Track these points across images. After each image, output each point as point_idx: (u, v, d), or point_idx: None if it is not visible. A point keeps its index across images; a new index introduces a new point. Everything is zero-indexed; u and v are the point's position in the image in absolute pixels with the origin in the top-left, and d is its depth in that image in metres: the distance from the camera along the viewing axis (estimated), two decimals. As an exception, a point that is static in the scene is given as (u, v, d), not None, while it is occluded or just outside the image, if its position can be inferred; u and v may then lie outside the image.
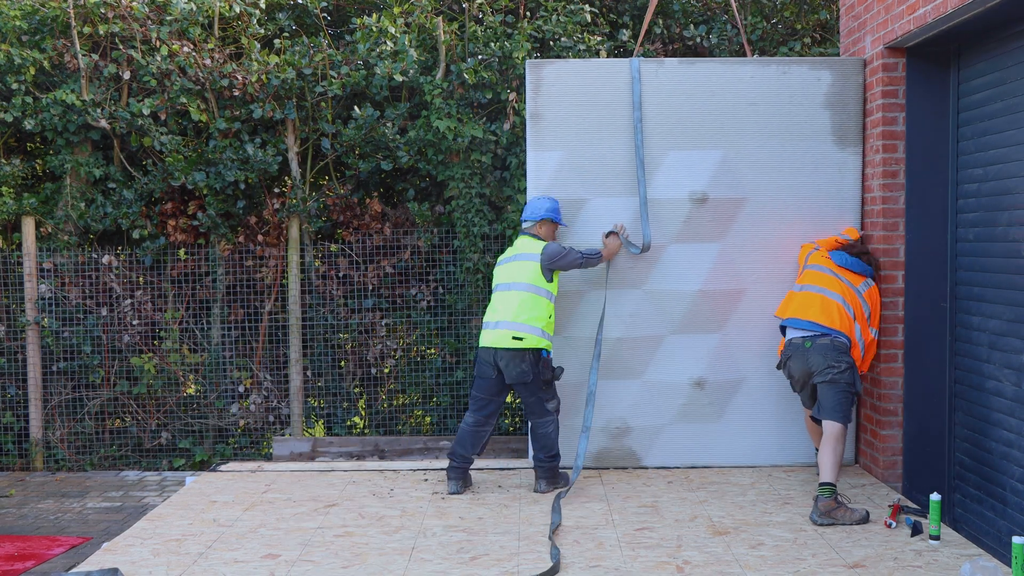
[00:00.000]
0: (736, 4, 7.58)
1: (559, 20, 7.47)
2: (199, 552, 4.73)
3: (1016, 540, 3.98)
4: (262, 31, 7.84)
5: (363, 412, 7.76)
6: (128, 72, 7.49)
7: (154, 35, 7.43)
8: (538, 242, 5.84)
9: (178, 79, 7.41)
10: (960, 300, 5.60)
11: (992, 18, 4.87)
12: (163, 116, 7.47)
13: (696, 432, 6.28)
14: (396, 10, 7.66)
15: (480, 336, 5.87)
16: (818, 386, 5.38)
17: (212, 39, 7.71)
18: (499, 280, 5.89)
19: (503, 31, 7.47)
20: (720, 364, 6.25)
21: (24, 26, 7.49)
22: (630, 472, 6.21)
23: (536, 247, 5.80)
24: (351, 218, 7.64)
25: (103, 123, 7.41)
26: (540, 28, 7.48)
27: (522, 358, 5.63)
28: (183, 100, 7.42)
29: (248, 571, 4.46)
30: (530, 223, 5.92)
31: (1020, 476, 4.86)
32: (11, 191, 7.59)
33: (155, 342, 7.71)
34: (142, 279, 7.73)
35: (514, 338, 5.63)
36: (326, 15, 8.11)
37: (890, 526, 4.96)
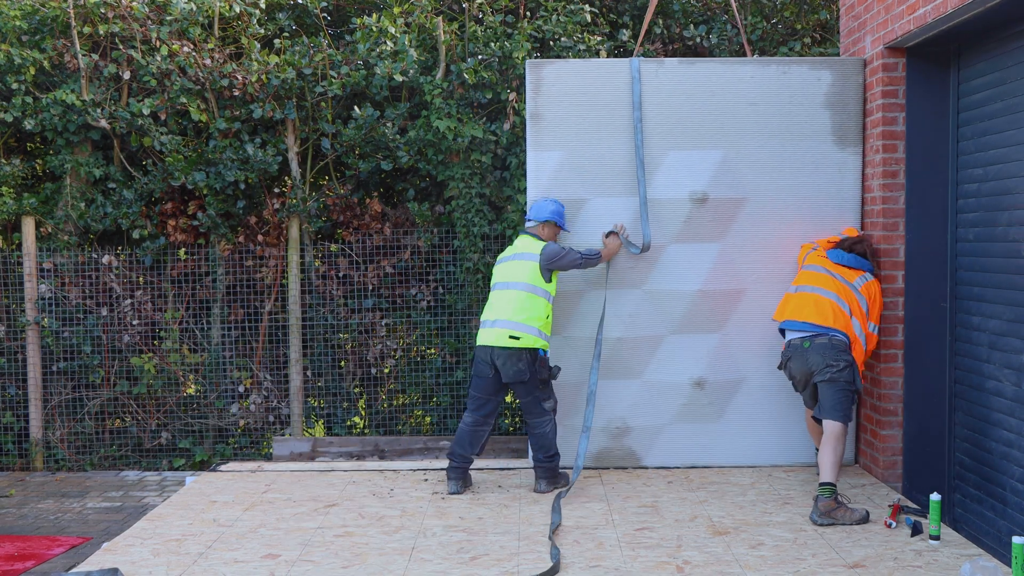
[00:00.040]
0: (736, 4, 7.58)
1: (559, 20, 7.46)
2: (199, 552, 4.73)
3: (1016, 540, 3.97)
4: (262, 31, 7.84)
5: (363, 412, 7.76)
6: (128, 72, 7.48)
7: (154, 35, 7.43)
8: (538, 242, 5.84)
9: (178, 79, 7.41)
10: (960, 300, 5.60)
11: (992, 18, 4.87)
12: (163, 116, 7.47)
13: (696, 432, 6.28)
14: (396, 10, 7.66)
15: (477, 335, 5.88)
16: (818, 385, 5.38)
17: (212, 39, 7.71)
18: (497, 279, 5.89)
19: (503, 31, 7.47)
20: (720, 364, 6.25)
21: (24, 26, 7.49)
22: (630, 472, 6.21)
23: (536, 247, 5.80)
24: (351, 218, 7.64)
25: (103, 123, 7.41)
26: (540, 28, 7.48)
27: (519, 357, 5.63)
28: (183, 100, 7.42)
29: (248, 571, 4.46)
30: (533, 223, 5.92)
31: (1020, 476, 4.86)
32: (11, 191, 7.59)
33: (155, 342, 7.70)
34: (142, 279, 7.73)
35: (511, 337, 5.63)
36: (326, 15, 8.11)
37: (890, 526, 4.96)
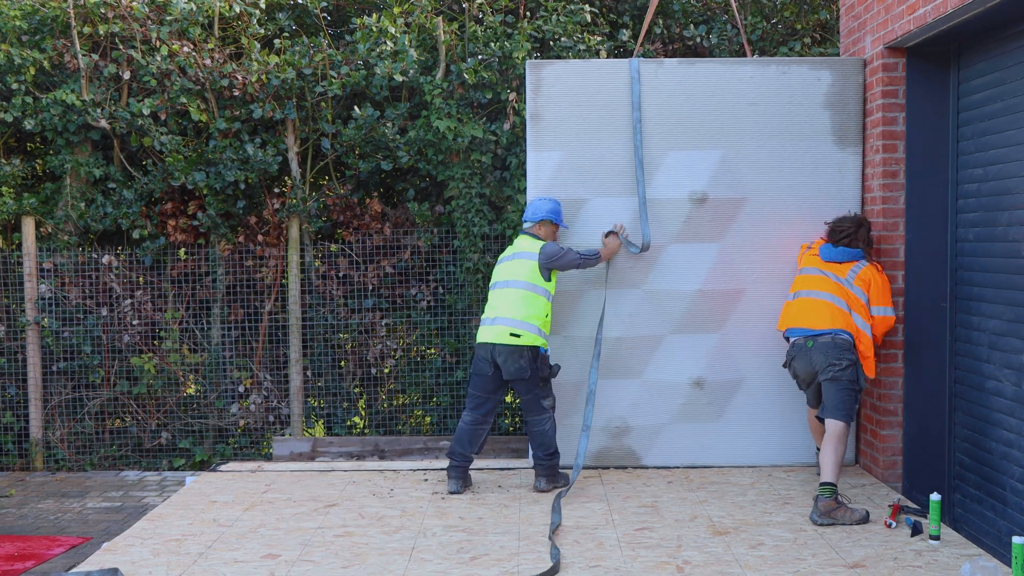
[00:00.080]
0: (736, 4, 7.58)
1: (559, 20, 7.46)
2: (199, 552, 4.73)
3: (1016, 540, 3.97)
4: (262, 31, 7.84)
5: (363, 412, 7.76)
6: (128, 72, 7.48)
7: (154, 35, 7.43)
8: (537, 241, 5.84)
9: (178, 79, 7.41)
10: (960, 300, 5.60)
11: (992, 18, 4.87)
12: (163, 116, 7.47)
13: (696, 432, 6.28)
14: (396, 10, 7.66)
15: (477, 333, 5.88)
16: (822, 384, 5.38)
17: (212, 39, 7.71)
18: (497, 278, 5.90)
19: (503, 31, 7.46)
20: (720, 364, 6.25)
21: (24, 26, 7.49)
22: (630, 472, 6.21)
23: (534, 246, 5.80)
24: (351, 218, 7.64)
25: (103, 123, 7.41)
26: (540, 28, 7.48)
27: (520, 354, 5.64)
28: (183, 100, 7.42)
29: (248, 571, 4.46)
30: (530, 223, 5.93)
31: (1020, 476, 4.86)
32: (11, 191, 7.59)
33: (155, 342, 7.70)
34: (142, 279, 7.72)
35: (512, 334, 5.63)
36: (326, 15, 8.11)
37: (890, 526, 4.96)
